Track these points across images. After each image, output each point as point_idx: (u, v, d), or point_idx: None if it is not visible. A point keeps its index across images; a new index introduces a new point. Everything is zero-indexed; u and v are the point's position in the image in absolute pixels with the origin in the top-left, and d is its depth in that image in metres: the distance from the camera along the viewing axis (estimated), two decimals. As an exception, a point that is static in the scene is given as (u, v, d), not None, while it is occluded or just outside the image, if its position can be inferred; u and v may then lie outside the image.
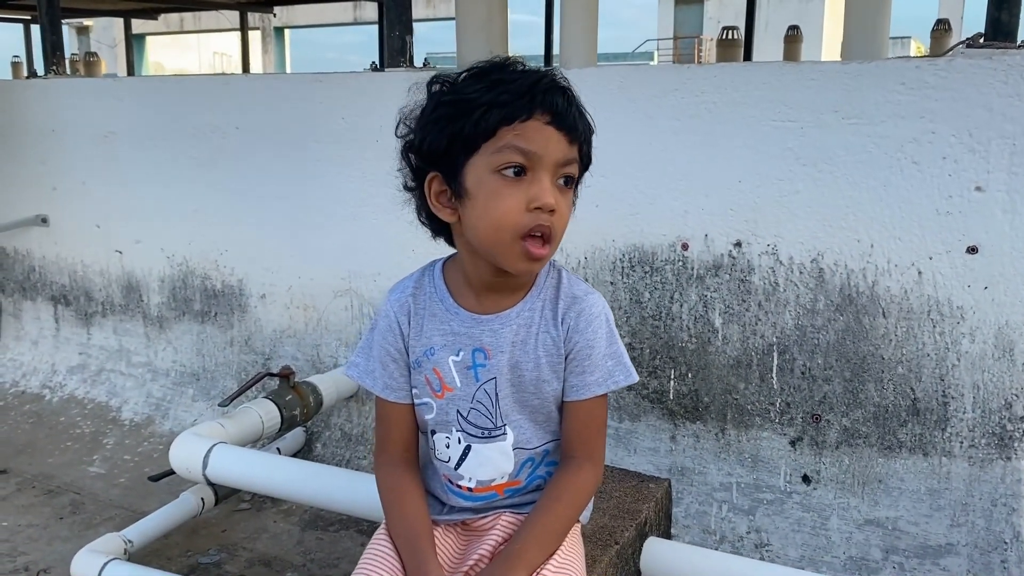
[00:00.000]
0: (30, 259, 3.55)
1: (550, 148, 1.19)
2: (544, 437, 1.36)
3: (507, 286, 1.31)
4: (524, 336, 1.31)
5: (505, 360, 1.30)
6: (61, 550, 2.31)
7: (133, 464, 2.86)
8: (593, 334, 1.30)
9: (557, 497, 1.31)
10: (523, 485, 1.37)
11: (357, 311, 2.79)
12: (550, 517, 1.29)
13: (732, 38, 7.08)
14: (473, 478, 1.36)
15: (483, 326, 1.31)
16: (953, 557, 2.01)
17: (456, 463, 1.36)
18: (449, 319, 1.33)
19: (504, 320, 1.31)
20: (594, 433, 1.35)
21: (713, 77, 2.18)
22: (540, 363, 1.31)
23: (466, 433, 1.34)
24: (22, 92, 3.49)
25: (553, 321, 1.31)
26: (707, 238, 2.23)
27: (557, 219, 1.20)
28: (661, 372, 2.33)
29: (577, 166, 1.24)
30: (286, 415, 2.42)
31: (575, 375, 1.31)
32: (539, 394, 1.33)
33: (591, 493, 1.37)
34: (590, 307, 1.31)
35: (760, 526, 2.18)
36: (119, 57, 18.89)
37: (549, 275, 1.34)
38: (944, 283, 2.01)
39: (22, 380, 3.46)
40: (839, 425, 2.15)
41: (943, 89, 1.95)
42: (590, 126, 1.26)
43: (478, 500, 1.37)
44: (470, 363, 1.31)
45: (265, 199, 2.92)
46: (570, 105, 1.21)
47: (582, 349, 1.30)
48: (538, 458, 1.37)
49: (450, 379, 1.33)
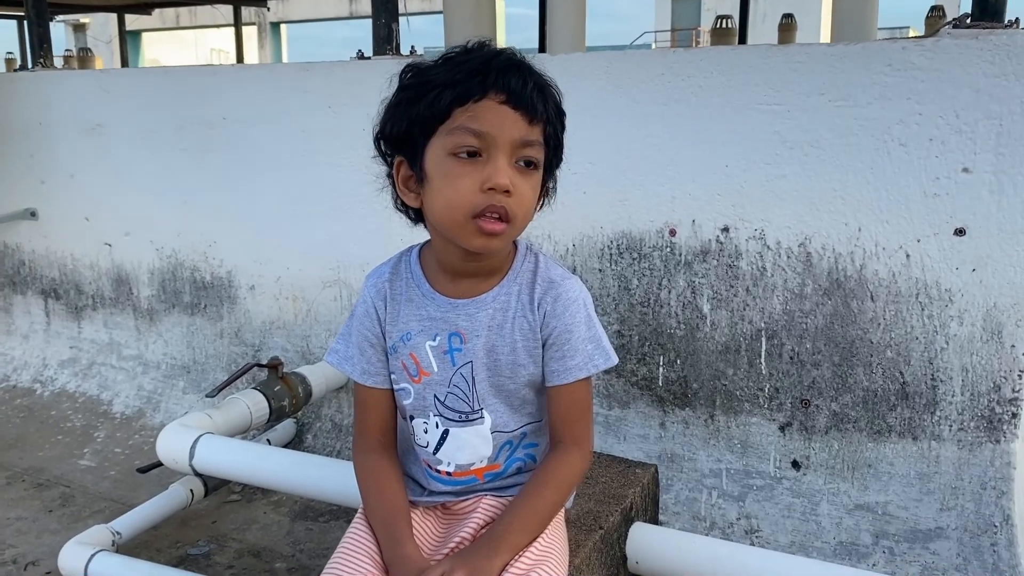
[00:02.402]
0: (19, 253, 3.54)
1: (505, 128, 1.16)
2: (521, 420, 1.36)
3: (481, 270, 1.30)
4: (500, 320, 1.30)
5: (481, 344, 1.30)
6: (50, 543, 2.31)
7: (124, 457, 2.85)
8: (571, 318, 1.29)
9: (544, 481, 1.31)
10: (502, 469, 1.37)
11: (346, 301, 2.78)
12: (536, 500, 1.29)
13: (726, 27, 7.05)
14: (452, 462, 1.35)
15: (459, 311, 1.31)
16: (943, 541, 2.01)
17: (435, 448, 1.35)
18: (426, 304, 1.32)
19: (480, 304, 1.30)
20: (578, 416, 1.35)
21: (699, 61, 2.17)
22: (516, 347, 1.30)
23: (444, 417, 1.34)
24: (9, 85, 3.47)
25: (530, 305, 1.30)
26: (695, 223, 2.22)
27: (515, 201, 1.18)
28: (650, 359, 2.32)
29: (540, 148, 1.21)
30: (274, 406, 2.41)
31: (555, 360, 1.31)
32: (515, 378, 1.32)
33: (578, 477, 1.37)
34: (567, 291, 1.30)
35: (750, 512, 2.18)
36: (115, 53, 18.85)
37: (527, 259, 1.33)
38: (932, 266, 2.00)
39: (13, 374, 3.45)
40: (828, 410, 2.14)
41: (929, 70, 1.93)
42: (557, 106, 1.24)
43: (458, 484, 1.37)
44: (447, 347, 1.31)
45: (254, 190, 2.90)
46: (526, 84, 1.18)
47: (561, 334, 1.29)
48: (516, 441, 1.37)
49: (427, 364, 1.32)
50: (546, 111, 1.21)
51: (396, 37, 2.68)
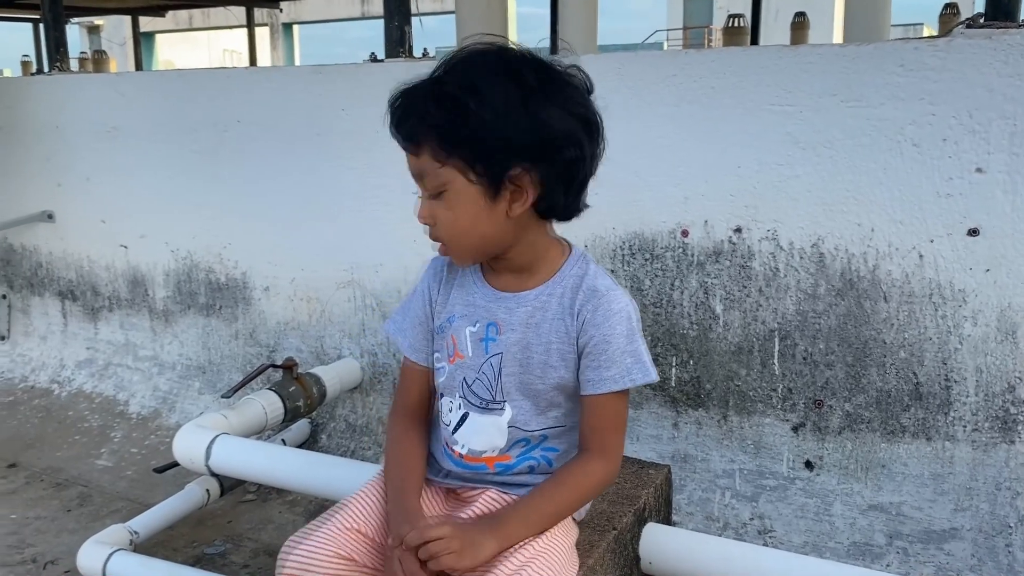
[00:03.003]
0: (37, 255, 3.58)
1: (409, 169, 1.26)
2: (544, 423, 1.38)
3: (509, 267, 1.35)
4: (539, 319, 1.33)
5: (515, 338, 1.34)
6: (68, 542, 2.33)
7: (140, 457, 2.88)
8: (610, 329, 1.30)
9: (559, 481, 1.33)
10: (513, 463, 1.39)
11: (360, 302, 2.79)
12: (543, 498, 1.31)
13: (738, 26, 7.04)
14: (466, 445, 1.39)
15: (500, 303, 1.35)
16: (957, 542, 2.00)
17: (454, 428, 1.40)
18: (473, 292, 1.38)
19: (521, 300, 1.34)
20: (609, 429, 1.35)
21: (711, 62, 2.17)
22: (551, 348, 1.33)
23: (467, 400, 1.38)
24: (26, 89, 3.51)
25: (570, 310, 1.32)
26: (707, 224, 2.22)
27: (439, 229, 1.27)
28: (663, 359, 2.32)
29: (440, 171, 1.21)
30: (289, 406, 2.43)
31: (591, 369, 1.32)
32: (544, 379, 1.34)
33: (597, 487, 1.38)
34: (609, 303, 1.31)
35: (763, 512, 2.18)
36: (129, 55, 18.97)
37: (576, 265, 1.36)
38: (945, 266, 2.00)
39: (31, 375, 3.48)
40: (841, 410, 2.14)
41: (943, 70, 1.93)
42: (440, 118, 1.19)
43: (468, 468, 1.40)
44: (483, 335, 1.36)
45: (268, 192, 2.92)
46: (406, 117, 1.22)
47: (598, 343, 1.31)
48: (534, 441, 1.38)
49: (463, 347, 1.37)
50: (424, 130, 1.20)
51: (409, 39, 2.70)
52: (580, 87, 1.27)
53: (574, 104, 1.24)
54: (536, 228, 1.32)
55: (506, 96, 1.18)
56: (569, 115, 1.22)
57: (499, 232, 1.26)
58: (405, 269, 2.68)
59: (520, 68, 1.21)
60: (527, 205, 1.24)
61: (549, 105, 1.20)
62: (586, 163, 1.26)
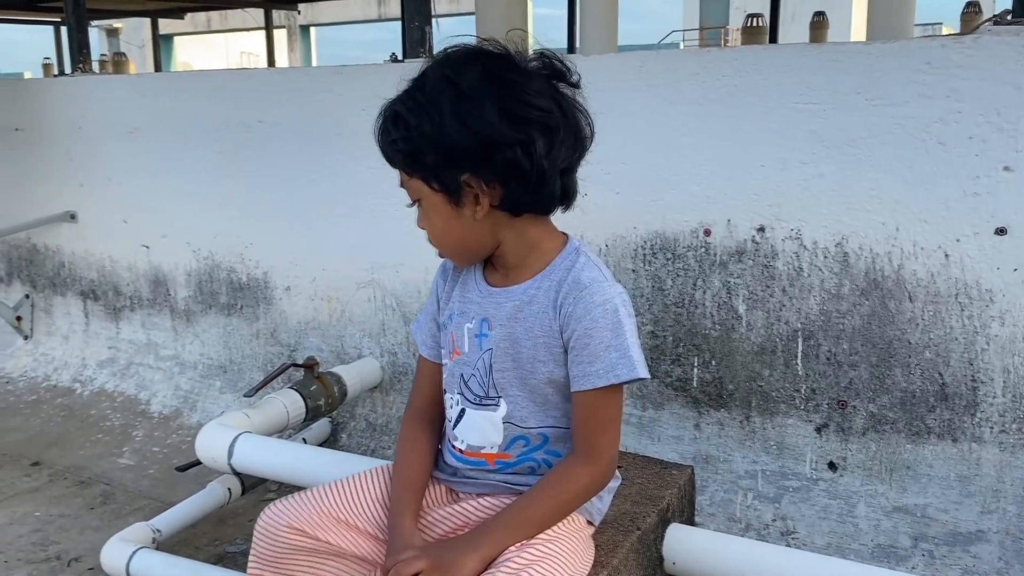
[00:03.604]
0: (60, 255, 3.61)
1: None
2: (543, 420, 1.36)
3: (502, 263, 1.37)
4: (526, 313, 1.33)
5: (504, 333, 1.34)
6: (92, 539, 2.35)
7: (162, 456, 2.89)
8: (592, 323, 1.27)
9: (542, 485, 1.32)
10: (513, 461, 1.38)
11: (380, 302, 2.80)
12: (526, 502, 1.31)
13: (757, 25, 7.01)
14: (464, 441, 1.41)
15: (491, 298, 1.37)
16: (984, 544, 1.98)
17: (453, 423, 1.42)
18: (472, 289, 1.40)
19: (509, 295, 1.35)
20: (595, 428, 1.32)
21: (734, 61, 2.16)
22: (538, 342, 1.32)
23: (464, 397, 1.40)
24: (49, 90, 3.54)
25: (553, 303, 1.31)
26: (730, 223, 2.21)
27: (430, 235, 1.34)
28: (684, 360, 2.31)
29: (411, 181, 1.29)
30: (311, 405, 2.43)
31: (576, 364, 1.30)
32: (535, 374, 1.34)
33: (583, 489, 1.33)
34: (591, 295, 1.28)
35: (786, 514, 2.16)
36: (147, 57, 19.11)
37: (567, 258, 1.34)
38: (972, 265, 1.97)
39: (53, 374, 3.51)
40: (866, 411, 2.12)
41: (969, 68, 1.91)
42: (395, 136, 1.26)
43: (468, 463, 1.41)
44: (478, 332, 1.37)
45: (289, 192, 2.93)
46: (379, 135, 1.29)
47: (580, 337, 1.29)
48: (534, 440, 1.37)
49: (460, 343, 1.39)
50: (388, 148, 1.28)
51: (429, 40, 2.70)
52: (541, 80, 1.26)
53: (516, 103, 1.21)
54: (519, 224, 1.31)
55: (441, 108, 1.21)
56: (506, 115, 1.21)
57: (474, 235, 1.30)
58: (425, 269, 2.68)
59: (459, 72, 1.22)
60: (487, 208, 1.26)
61: (482, 110, 1.20)
62: (536, 158, 1.22)
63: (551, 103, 1.24)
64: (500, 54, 1.26)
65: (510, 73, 1.24)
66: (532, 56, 1.28)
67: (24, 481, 2.73)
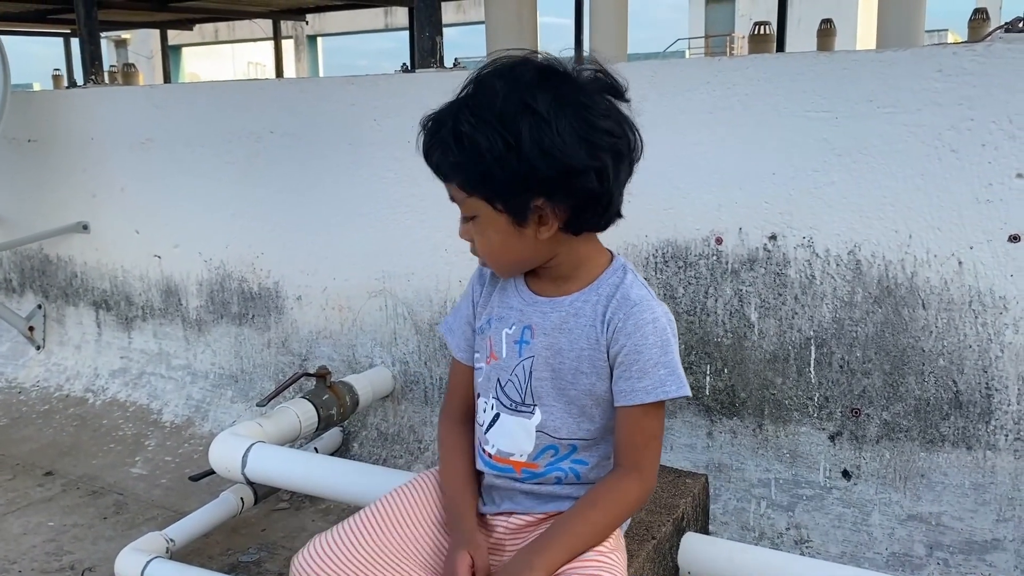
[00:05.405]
0: (72, 265, 3.63)
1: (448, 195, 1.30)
2: (575, 431, 1.37)
3: (549, 274, 1.37)
4: (572, 324, 1.34)
5: (547, 342, 1.35)
6: (105, 549, 2.35)
7: (174, 465, 2.90)
8: (642, 339, 1.30)
9: (592, 502, 1.33)
10: (541, 471, 1.39)
11: (391, 311, 2.81)
12: (579, 520, 1.31)
13: (764, 33, 7.02)
14: (495, 445, 1.41)
15: (536, 307, 1.37)
16: (1000, 552, 1.97)
17: (486, 428, 1.42)
18: (513, 295, 1.40)
19: (555, 305, 1.36)
20: (642, 443, 1.34)
21: (745, 69, 2.16)
22: (581, 355, 1.33)
23: (499, 402, 1.40)
24: (62, 102, 3.56)
25: (601, 318, 1.32)
26: (741, 231, 2.21)
27: (478, 247, 1.33)
28: (697, 368, 2.31)
29: (468, 199, 1.27)
30: (323, 414, 2.44)
31: (623, 380, 1.32)
32: (576, 385, 1.34)
33: (633, 504, 1.36)
34: (641, 312, 1.31)
35: (800, 522, 2.16)
36: (156, 68, 19.23)
37: (615, 274, 1.36)
38: (986, 273, 1.97)
39: (66, 384, 3.53)
40: (879, 419, 2.12)
41: (981, 75, 1.91)
42: (459, 156, 1.22)
43: (496, 469, 1.41)
44: (518, 338, 1.38)
45: (300, 201, 2.94)
46: (431, 151, 1.26)
47: (629, 353, 1.30)
48: (563, 450, 1.38)
49: (498, 349, 1.40)
50: (447, 166, 1.25)
51: (440, 50, 2.71)
52: (603, 99, 1.25)
53: (590, 129, 1.21)
54: (574, 241, 1.33)
55: (518, 132, 1.18)
56: (585, 141, 1.20)
57: (532, 252, 1.31)
58: (436, 278, 2.68)
59: (534, 94, 1.19)
60: (554, 229, 1.27)
61: (564, 134, 1.19)
62: (609, 184, 1.24)
63: (618, 127, 1.26)
64: (563, 72, 1.24)
65: (579, 95, 1.23)
66: (584, 67, 1.27)
67: (37, 491, 2.74)
